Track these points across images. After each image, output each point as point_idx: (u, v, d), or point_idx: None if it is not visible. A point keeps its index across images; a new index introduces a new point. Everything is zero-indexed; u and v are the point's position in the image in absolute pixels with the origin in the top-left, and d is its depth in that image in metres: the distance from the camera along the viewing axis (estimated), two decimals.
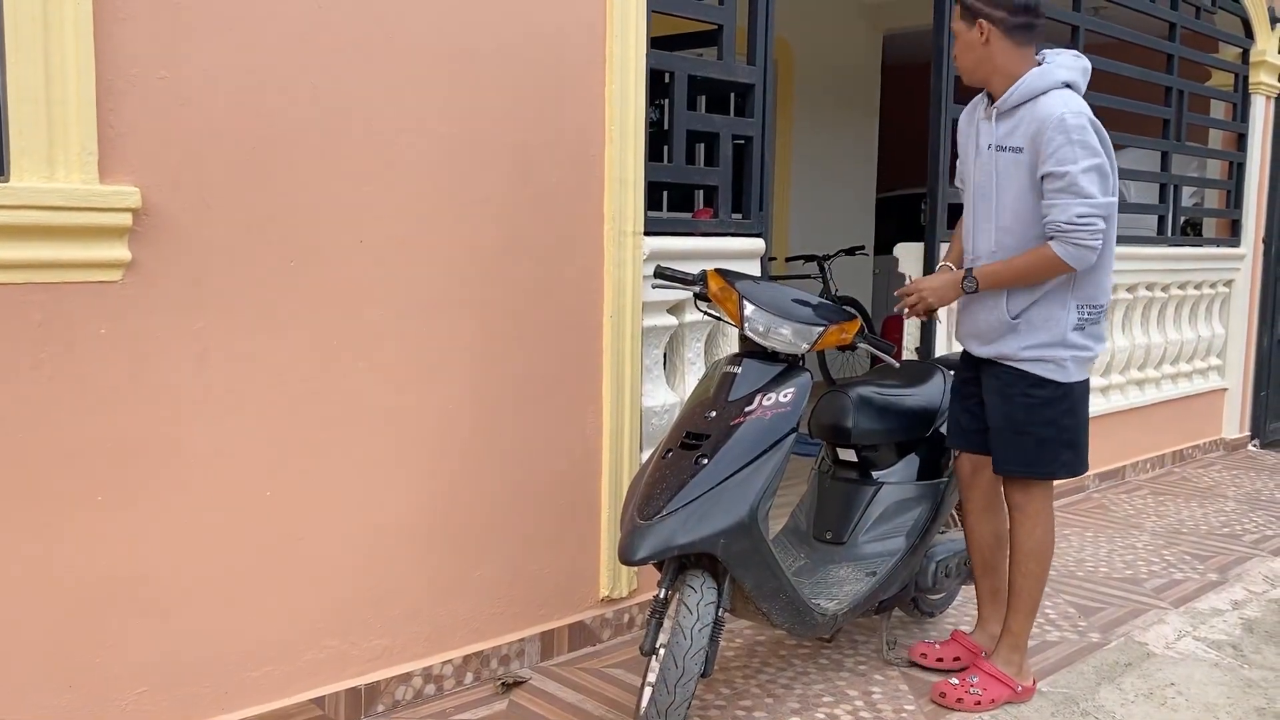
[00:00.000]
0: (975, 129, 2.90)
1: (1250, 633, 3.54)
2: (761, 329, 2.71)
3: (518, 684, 3.00)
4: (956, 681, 2.92)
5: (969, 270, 2.82)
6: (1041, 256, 2.70)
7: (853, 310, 2.93)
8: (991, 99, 2.83)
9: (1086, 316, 2.80)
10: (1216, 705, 2.98)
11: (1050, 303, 2.78)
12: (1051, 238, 2.68)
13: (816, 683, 3.07)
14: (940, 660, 3.12)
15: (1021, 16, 2.72)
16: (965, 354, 3.03)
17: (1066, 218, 2.64)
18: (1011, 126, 2.76)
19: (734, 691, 3.00)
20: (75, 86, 2.14)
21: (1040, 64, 2.78)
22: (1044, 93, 2.72)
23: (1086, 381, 2.89)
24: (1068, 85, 2.75)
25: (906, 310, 2.93)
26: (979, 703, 2.87)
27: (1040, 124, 2.68)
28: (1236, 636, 3.50)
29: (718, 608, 2.51)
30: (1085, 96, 2.81)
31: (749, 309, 2.71)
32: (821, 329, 2.73)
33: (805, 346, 2.72)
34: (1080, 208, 2.63)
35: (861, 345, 2.87)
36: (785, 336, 2.70)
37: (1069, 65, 2.79)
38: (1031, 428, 2.82)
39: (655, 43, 3.30)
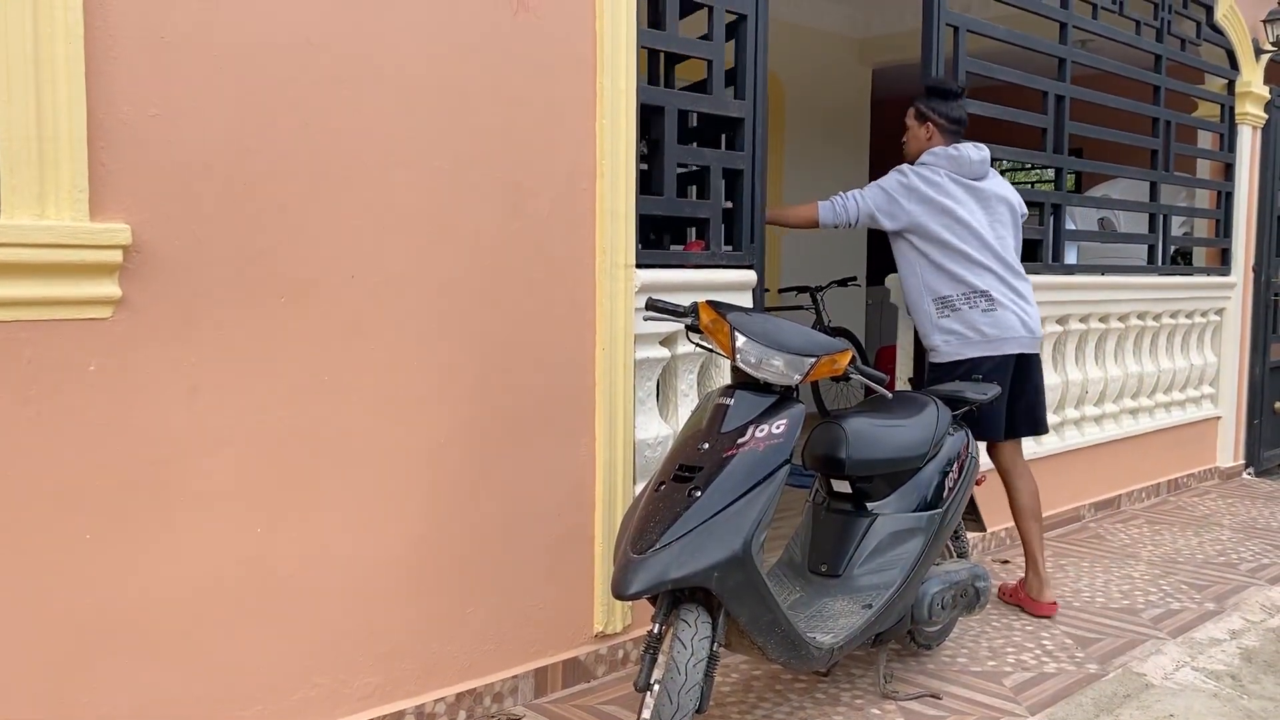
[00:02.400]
0: None
1: (1249, 662, 3.52)
2: (753, 360, 2.70)
3: None
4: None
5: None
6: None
7: (846, 341, 2.93)
8: None
9: (943, 306, 3.84)
10: None
11: (915, 302, 3.92)
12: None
13: (814, 718, 3.05)
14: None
15: (954, 125, 3.92)
16: None
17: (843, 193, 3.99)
18: None
19: None
20: (66, 124, 2.15)
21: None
22: None
23: (972, 363, 3.80)
24: (923, 163, 3.88)
25: None
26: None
27: None
28: (1235, 666, 3.48)
29: (712, 642, 2.49)
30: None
31: (740, 340, 2.71)
32: (814, 360, 2.73)
33: (798, 378, 2.72)
34: (850, 191, 3.97)
35: (854, 376, 2.87)
36: (777, 367, 2.70)
37: (932, 153, 3.88)
38: None
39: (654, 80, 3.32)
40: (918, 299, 3.90)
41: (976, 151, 3.90)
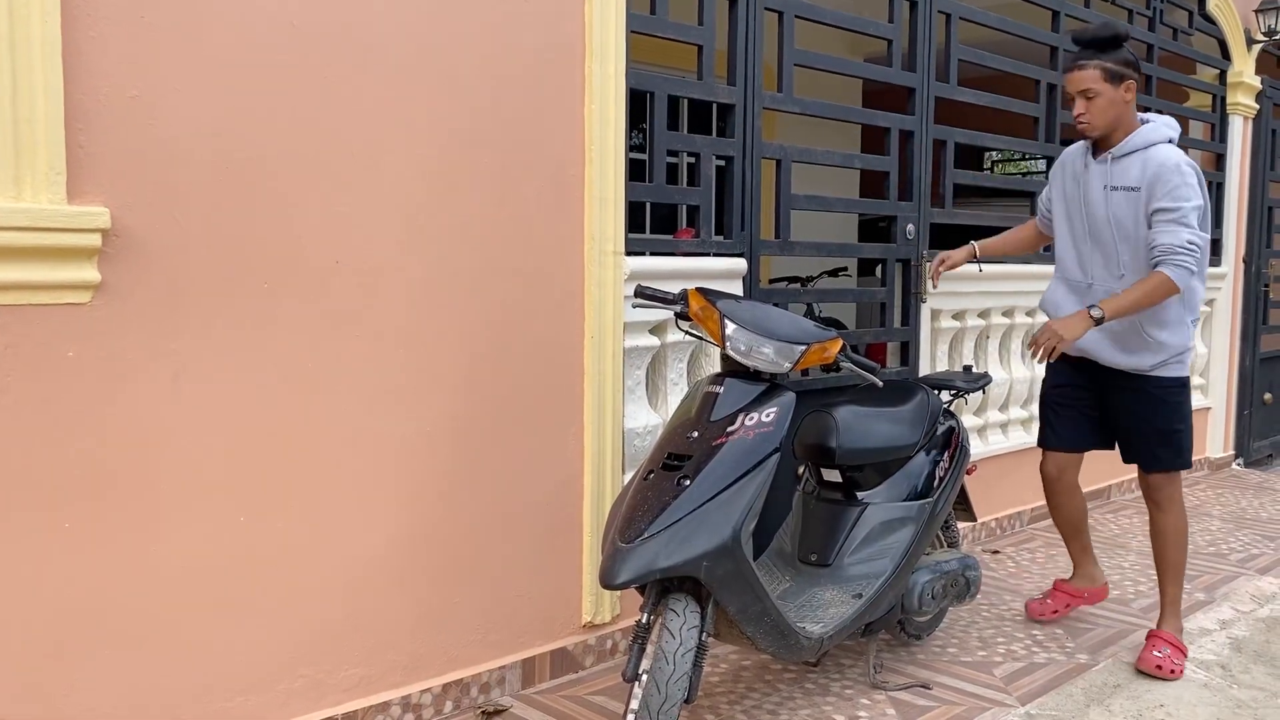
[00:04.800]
0: (1085, 173, 3.36)
1: (1239, 652, 3.51)
2: (743, 348, 2.68)
3: (498, 712, 2.95)
4: (1159, 655, 3.33)
5: (1093, 305, 3.16)
6: (1154, 282, 3.12)
7: (835, 330, 2.90)
8: (1098, 147, 3.31)
9: (1193, 323, 3.35)
10: None
11: (1175, 322, 3.28)
12: (1158, 263, 3.11)
13: (803, 708, 3.03)
14: (1056, 611, 3.76)
15: (1141, 77, 3.32)
16: (1065, 363, 3.48)
17: (1179, 242, 3.08)
18: (1125, 169, 3.23)
19: (718, 718, 2.95)
20: (43, 105, 2.11)
21: (1144, 121, 3.27)
22: (1156, 144, 3.20)
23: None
24: (1170, 140, 3.25)
25: (1041, 354, 3.16)
26: (1175, 670, 3.32)
27: (1159, 168, 3.15)
28: (1225, 656, 3.47)
29: (701, 632, 2.47)
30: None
31: (730, 328, 2.68)
32: (804, 348, 2.70)
33: (787, 365, 2.70)
34: (1189, 234, 3.09)
35: (845, 365, 2.84)
36: (767, 355, 2.68)
37: (1172, 125, 3.29)
38: (1178, 426, 3.39)
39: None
40: (1178, 318, 3.29)
41: None
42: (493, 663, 3.01)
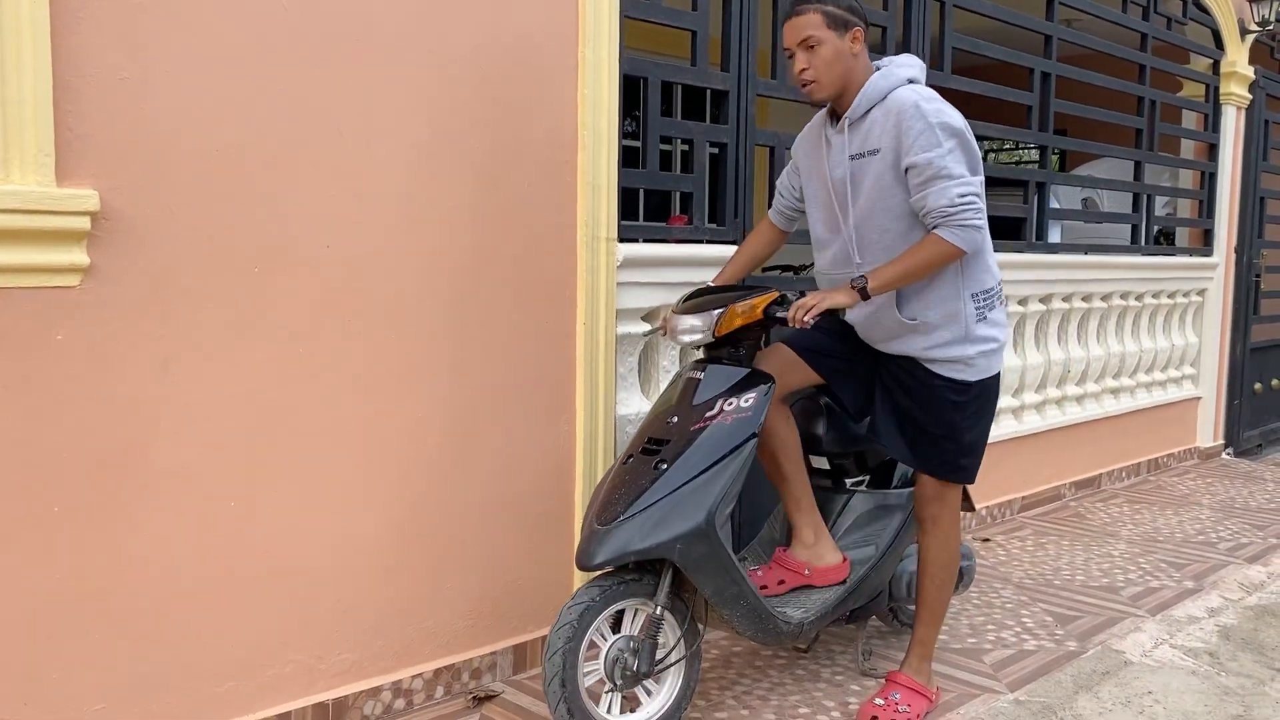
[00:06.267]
0: (825, 147, 2.79)
1: (1227, 640, 3.53)
2: (671, 329, 2.75)
3: (489, 698, 2.95)
4: (882, 702, 2.83)
5: (858, 275, 2.63)
6: (930, 247, 2.57)
7: (766, 287, 2.84)
8: (837, 114, 2.75)
9: (983, 303, 2.73)
10: (1194, 713, 2.96)
11: (944, 299, 2.69)
12: (935, 226, 2.57)
13: (793, 694, 3.04)
14: (765, 587, 2.90)
15: (866, 27, 2.72)
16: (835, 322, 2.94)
17: (947, 200, 2.53)
18: (867, 130, 2.67)
19: (709, 703, 2.96)
20: (31, 86, 2.09)
21: (877, 69, 2.73)
22: (892, 90, 2.65)
23: (997, 377, 2.82)
24: (911, 80, 2.68)
25: (799, 319, 2.59)
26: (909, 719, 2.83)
27: (897, 117, 2.58)
28: (1213, 644, 3.49)
29: (609, 600, 2.51)
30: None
31: (673, 320, 2.76)
32: (721, 310, 2.68)
33: (705, 334, 2.69)
34: (957, 188, 2.53)
35: (780, 314, 2.67)
36: (694, 326, 2.70)
37: (910, 64, 2.74)
38: (957, 433, 2.77)
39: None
40: (951, 294, 2.69)
41: None
42: (484, 648, 3.02)
